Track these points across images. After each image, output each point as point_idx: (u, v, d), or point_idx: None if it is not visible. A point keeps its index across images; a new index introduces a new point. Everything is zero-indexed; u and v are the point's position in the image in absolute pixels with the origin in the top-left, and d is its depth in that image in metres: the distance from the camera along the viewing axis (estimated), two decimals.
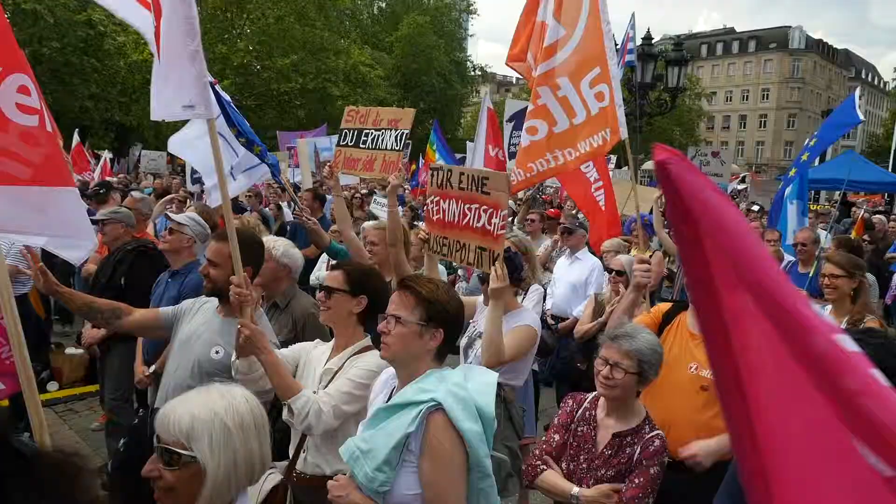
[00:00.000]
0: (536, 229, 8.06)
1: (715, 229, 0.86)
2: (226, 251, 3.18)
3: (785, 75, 73.61)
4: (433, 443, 2.01)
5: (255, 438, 1.71)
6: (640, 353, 2.66)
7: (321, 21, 36.57)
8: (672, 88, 15.45)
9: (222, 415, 1.65)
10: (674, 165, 0.86)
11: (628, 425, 2.72)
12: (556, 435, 2.85)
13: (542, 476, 2.74)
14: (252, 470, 1.72)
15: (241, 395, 1.75)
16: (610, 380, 2.66)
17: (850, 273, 4.43)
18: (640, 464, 2.63)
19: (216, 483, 1.63)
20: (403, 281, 2.30)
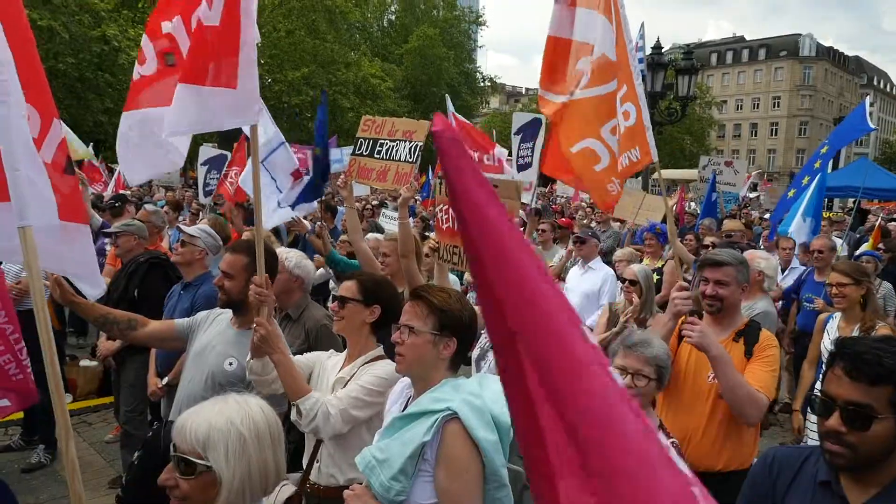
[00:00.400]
0: (548, 239, 8.04)
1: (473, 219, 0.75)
2: (240, 263, 3.20)
3: (796, 83, 73.32)
4: (449, 452, 2.01)
5: (270, 448, 1.71)
6: (659, 359, 2.66)
7: (332, 34, 36.87)
8: (682, 97, 15.42)
9: (238, 424, 1.66)
10: (444, 140, 0.80)
11: None
12: None
13: None
14: (267, 479, 1.71)
15: (257, 405, 1.75)
16: (633, 389, 2.63)
17: (856, 280, 4.44)
18: None
19: (231, 492, 1.63)
20: (416, 291, 2.30)
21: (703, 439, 2.99)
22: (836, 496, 1.84)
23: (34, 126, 2.33)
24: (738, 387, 2.84)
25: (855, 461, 1.75)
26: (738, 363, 3.02)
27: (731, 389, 2.85)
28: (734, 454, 3.02)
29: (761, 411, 2.92)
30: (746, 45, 78.93)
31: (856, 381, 1.74)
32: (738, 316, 3.25)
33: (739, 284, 3.16)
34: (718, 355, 2.87)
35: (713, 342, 2.89)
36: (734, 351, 3.08)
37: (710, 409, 3.03)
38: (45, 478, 5.31)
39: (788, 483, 1.95)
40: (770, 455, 2.06)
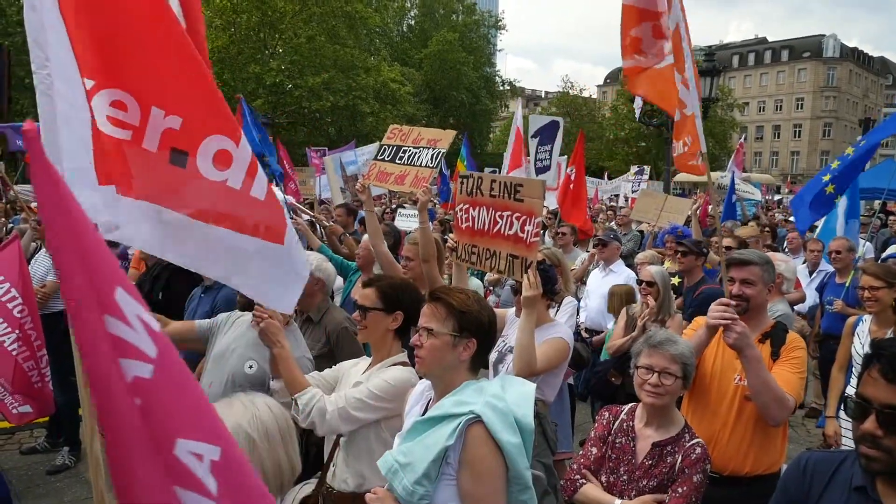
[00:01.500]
0: (568, 242, 7.99)
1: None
2: None
3: (819, 84, 72.34)
4: (473, 456, 1.99)
5: (281, 446, 1.70)
6: (684, 356, 2.66)
7: (352, 40, 37.08)
8: (704, 99, 15.27)
9: (246, 427, 1.66)
10: (29, 140, 0.91)
11: (668, 434, 2.67)
12: (593, 448, 2.80)
13: (583, 490, 2.69)
14: (281, 478, 1.71)
15: (264, 404, 1.74)
16: (660, 387, 2.62)
17: (889, 283, 4.36)
18: (682, 472, 2.57)
19: None
20: (434, 293, 2.28)
21: (730, 442, 2.96)
22: (871, 501, 1.79)
23: (133, 114, 2.18)
24: (767, 388, 2.81)
25: (892, 466, 1.71)
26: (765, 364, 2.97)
27: (761, 391, 2.82)
28: (761, 457, 2.98)
29: (788, 413, 2.89)
30: (769, 46, 78.04)
31: (892, 383, 1.69)
32: (765, 317, 3.20)
33: (766, 284, 3.13)
34: (753, 356, 2.84)
35: (750, 343, 2.86)
36: (761, 352, 3.03)
37: (737, 411, 2.99)
38: (69, 479, 5.36)
39: (822, 488, 1.91)
40: (804, 459, 2.01)
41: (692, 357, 2.69)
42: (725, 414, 3.00)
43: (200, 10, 2.54)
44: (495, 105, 55.26)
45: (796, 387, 2.91)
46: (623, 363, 4.97)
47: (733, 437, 2.97)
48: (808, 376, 7.90)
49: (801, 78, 73.74)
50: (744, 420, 2.97)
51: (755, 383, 2.82)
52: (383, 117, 37.92)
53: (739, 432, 2.97)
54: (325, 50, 34.73)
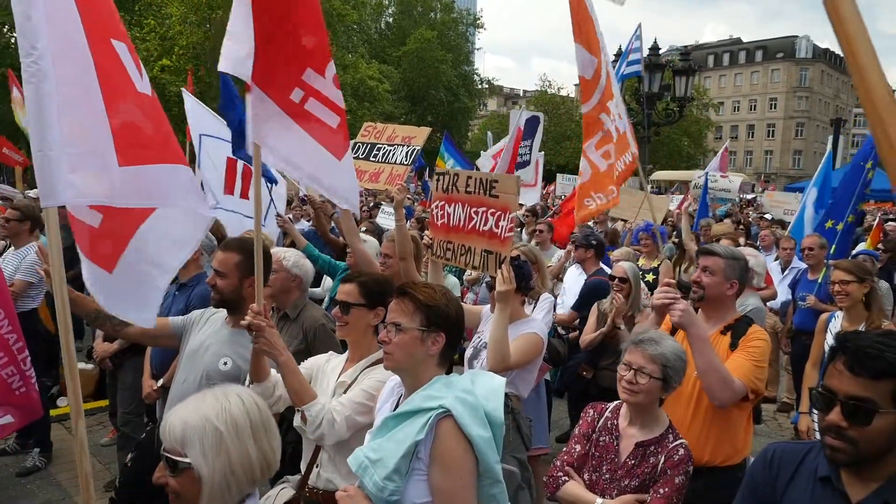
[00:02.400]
0: (545, 239, 8.03)
1: None
2: (232, 261, 3.16)
3: (792, 85, 73.43)
4: (443, 450, 1.99)
5: (251, 439, 1.67)
6: (665, 358, 2.61)
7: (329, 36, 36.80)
8: (679, 98, 15.45)
9: (213, 419, 1.64)
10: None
11: (651, 434, 2.67)
12: (577, 445, 2.79)
13: (564, 488, 2.68)
14: (252, 471, 1.69)
15: (237, 397, 1.72)
16: (634, 385, 2.62)
17: (860, 278, 4.44)
18: (664, 473, 2.56)
19: (213, 487, 1.63)
20: (401, 288, 2.27)
21: (689, 432, 2.97)
22: (836, 491, 1.82)
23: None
24: (712, 368, 2.87)
25: (856, 456, 1.74)
26: (722, 354, 3.03)
27: (706, 370, 2.88)
28: (719, 449, 3.01)
29: (733, 395, 2.91)
30: (743, 46, 79.02)
31: (858, 376, 1.72)
32: (731, 312, 3.25)
33: (727, 279, 3.17)
34: (697, 334, 2.91)
35: (695, 322, 2.93)
36: (720, 344, 3.10)
37: (695, 402, 3.04)
38: (40, 481, 5.27)
39: (788, 479, 1.94)
40: (770, 451, 2.04)
41: (676, 360, 2.64)
42: (685, 405, 3.05)
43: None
44: (474, 103, 55.31)
45: (748, 373, 2.95)
46: (594, 357, 5.02)
47: (692, 428, 3.00)
48: (780, 371, 8.06)
49: (775, 78, 74.81)
50: (702, 411, 3.01)
51: (700, 362, 2.88)
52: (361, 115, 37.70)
53: (698, 423, 3.01)
54: None
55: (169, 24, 30.88)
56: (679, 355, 2.66)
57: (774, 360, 7.85)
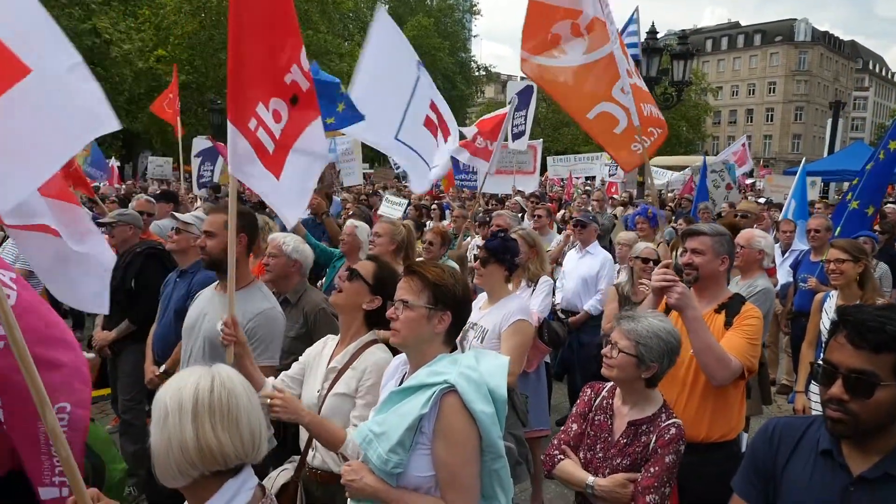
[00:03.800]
0: (544, 224, 8.04)
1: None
2: (221, 221, 3.19)
3: (791, 68, 73.20)
4: (447, 424, 2.01)
5: (191, 422, 1.63)
6: (638, 335, 2.61)
7: (325, 25, 36.66)
8: (678, 82, 15.38)
9: (166, 398, 1.65)
10: None
11: (643, 413, 2.68)
12: (574, 424, 2.83)
13: (560, 465, 2.72)
14: (188, 454, 1.63)
15: (195, 379, 1.68)
16: (609, 358, 2.66)
17: (854, 257, 4.46)
18: (655, 452, 2.58)
19: (157, 459, 1.64)
20: (409, 266, 2.29)
21: (686, 410, 3.01)
22: (837, 464, 1.83)
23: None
24: (708, 348, 2.89)
25: (857, 429, 1.75)
26: (717, 333, 3.04)
27: (702, 350, 2.90)
28: (716, 425, 3.04)
29: (730, 374, 2.93)
30: (742, 30, 78.72)
31: (859, 349, 1.73)
32: (723, 290, 3.26)
33: (717, 255, 3.18)
34: (694, 316, 2.93)
35: (691, 304, 2.95)
36: (715, 322, 3.11)
37: (692, 380, 3.05)
38: None
39: (789, 453, 1.95)
40: (771, 425, 2.05)
41: (651, 338, 2.60)
42: (682, 382, 3.07)
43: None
44: (471, 91, 55.17)
45: (744, 350, 2.97)
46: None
47: (689, 405, 3.03)
48: (780, 354, 8.07)
49: (774, 62, 74.56)
50: (699, 388, 3.03)
51: (696, 344, 2.91)
52: None
53: (695, 400, 3.04)
54: None
55: (163, 15, 30.72)
56: (657, 333, 2.62)
57: (774, 343, 7.87)
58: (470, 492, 2.06)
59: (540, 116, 52.96)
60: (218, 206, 3.40)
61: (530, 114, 11.29)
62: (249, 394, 1.75)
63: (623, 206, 13.68)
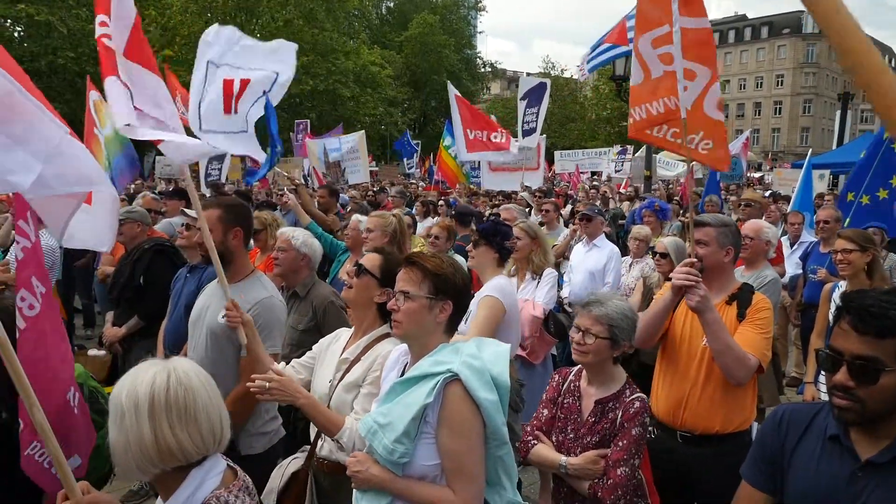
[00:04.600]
0: (552, 219, 8.05)
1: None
2: (214, 216, 3.22)
3: (799, 60, 72.67)
4: (451, 413, 2.03)
5: (147, 420, 1.63)
6: (610, 318, 2.69)
7: (330, 23, 36.72)
8: None
9: (122, 396, 1.65)
10: None
11: (609, 391, 2.76)
12: (544, 410, 2.91)
13: (534, 450, 2.80)
14: (147, 453, 1.64)
15: (151, 376, 1.68)
16: (582, 345, 2.71)
17: (862, 247, 4.44)
18: (622, 427, 2.67)
19: (115, 456, 1.66)
20: (409, 257, 2.30)
21: (700, 402, 3.02)
22: (844, 449, 1.84)
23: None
24: (728, 349, 2.91)
25: (864, 415, 1.75)
26: (730, 326, 3.05)
27: (722, 352, 2.92)
28: (730, 416, 3.04)
29: (749, 372, 2.96)
30: (748, 23, 78.19)
31: (863, 335, 1.73)
32: (731, 280, 3.26)
33: (722, 246, 3.18)
34: (712, 319, 2.94)
35: (710, 307, 2.96)
36: (727, 314, 3.11)
37: (706, 372, 3.05)
38: None
39: (798, 438, 1.95)
40: (780, 411, 2.06)
41: (623, 319, 2.70)
42: (695, 375, 3.07)
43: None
44: (477, 87, 55.13)
45: (760, 346, 2.98)
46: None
47: (703, 397, 3.04)
48: (789, 346, 8.04)
49: (781, 54, 74.04)
50: (713, 380, 3.03)
51: (716, 345, 2.92)
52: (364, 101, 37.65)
53: (709, 392, 3.04)
54: (304, 34, 34.35)
55: (169, 15, 30.83)
56: (625, 314, 2.74)
57: (783, 335, 7.85)
58: (475, 479, 2.08)
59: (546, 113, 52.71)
60: (210, 200, 3.43)
61: (542, 111, 11.28)
62: (208, 388, 1.75)
63: (630, 201, 13.66)
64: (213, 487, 1.70)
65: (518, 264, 4.74)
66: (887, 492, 1.74)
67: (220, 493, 1.70)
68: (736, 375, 2.94)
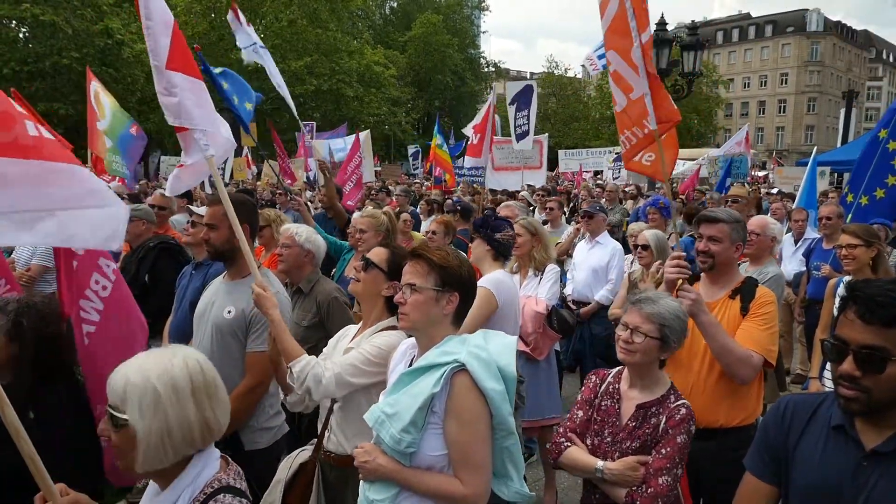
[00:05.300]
0: (556, 217, 8.05)
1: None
2: (220, 212, 3.22)
3: (803, 59, 72.46)
4: (458, 403, 2.04)
5: (191, 402, 1.66)
6: (662, 317, 2.56)
7: (334, 23, 36.78)
8: (688, 73, 15.27)
9: (154, 379, 1.63)
10: None
11: (652, 396, 2.64)
12: (579, 411, 2.76)
13: (566, 452, 2.66)
14: (191, 434, 1.67)
15: (182, 359, 1.70)
16: (630, 344, 2.58)
17: (867, 242, 4.42)
18: (665, 433, 2.53)
19: (148, 446, 1.62)
20: (415, 250, 2.32)
21: (703, 396, 2.99)
22: (849, 439, 1.83)
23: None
24: (728, 351, 2.88)
25: (869, 405, 1.74)
26: (734, 320, 3.02)
27: (721, 353, 2.89)
28: (733, 411, 3.02)
29: (754, 371, 2.93)
30: (752, 21, 77.97)
31: (869, 324, 1.72)
32: (735, 275, 3.24)
33: (733, 242, 3.15)
34: (708, 322, 2.92)
35: (703, 309, 2.94)
36: (730, 308, 3.08)
37: (708, 366, 3.03)
38: None
39: (802, 429, 1.95)
40: (783, 402, 2.05)
41: (675, 320, 2.59)
42: (697, 368, 3.04)
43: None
44: (480, 87, 55.04)
45: (764, 343, 2.95)
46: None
47: (706, 392, 3.01)
48: (794, 343, 8.02)
49: (785, 53, 73.82)
50: (715, 375, 3.01)
51: (715, 347, 2.91)
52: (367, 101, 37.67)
53: (711, 386, 3.01)
54: (307, 34, 34.43)
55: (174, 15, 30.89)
56: (677, 315, 2.61)
57: (788, 332, 7.83)
58: (482, 469, 2.09)
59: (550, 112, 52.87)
60: (216, 197, 3.43)
61: (532, 113, 11.32)
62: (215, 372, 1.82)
63: (633, 199, 13.64)
64: (214, 472, 1.73)
65: (520, 261, 4.75)
66: (892, 481, 1.74)
67: (220, 475, 1.74)
68: (739, 375, 2.92)
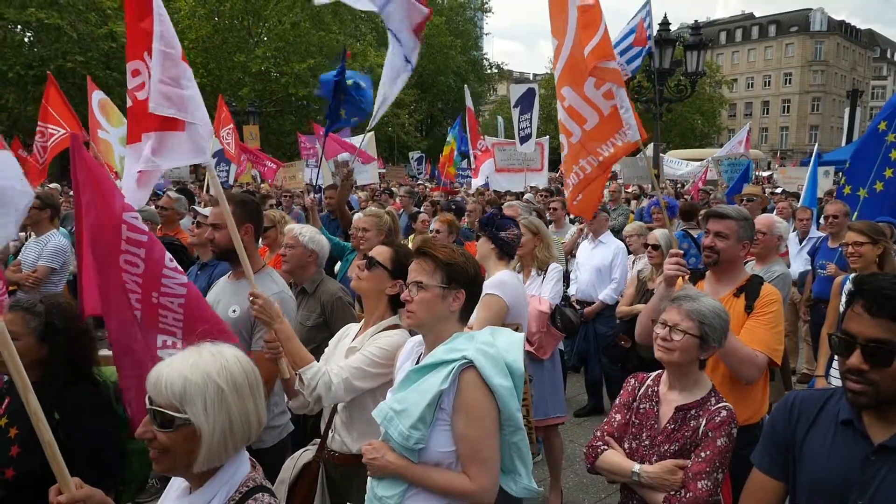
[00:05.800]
0: (560, 217, 8.05)
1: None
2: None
3: (807, 59, 72.29)
4: (466, 399, 2.04)
5: (250, 397, 1.69)
6: (702, 314, 2.51)
7: (336, 25, 36.83)
8: (691, 73, 15.26)
9: (215, 376, 1.64)
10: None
11: (692, 398, 2.56)
12: (617, 415, 2.70)
13: (603, 456, 2.60)
14: (248, 429, 1.70)
15: (233, 355, 1.72)
16: (668, 342, 2.52)
17: (873, 239, 4.41)
18: (705, 436, 2.46)
19: (212, 444, 1.62)
20: (420, 248, 2.31)
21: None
22: (857, 434, 1.82)
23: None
24: (733, 352, 2.86)
25: (877, 398, 1.74)
26: (739, 318, 3.00)
27: (726, 353, 2.85)
28: (739, 409, 2.95)
29: (759, 371, 2.91)
30: (756, 21, 77.87)
31: (876, 318, 1.72)
32: (741, 272, 3.22)
33: (740, 240, 3.13)
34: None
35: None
36: (735, 306, 3.06)
37: (711, 365, 2.98)
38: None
39: (809, 424, 1.94)
40: (791, 398, 2.04)
41: (715, 318, 2.53)
42: None
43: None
44: (483, 88, 55.08)
45: (769, 342, 2.93)
46: (632, 327, 5.05)
47: None
48: (799, 343, 8.00)
49: (789, 53, 73.67)
50: (720, 373, 2.99)
51: (719, 349, 2.85)
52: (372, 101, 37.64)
53: (716, 385, 2.99)
54: (310, 36, 34.48)
55: (178, 19, 31.01)
56: (718, 313, 2.55)
57: (793, 332, 7.81)
58: (491, 464, 2.09)
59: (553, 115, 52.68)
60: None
61: (535, 115, 11.37)
62: None
63: (636, 199, 13.64)
64: (248, 470, 1.75)
65: (522, 260, 4.75)
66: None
67: (253, 474, 1.75)
68: (744, 375, 2.91)
